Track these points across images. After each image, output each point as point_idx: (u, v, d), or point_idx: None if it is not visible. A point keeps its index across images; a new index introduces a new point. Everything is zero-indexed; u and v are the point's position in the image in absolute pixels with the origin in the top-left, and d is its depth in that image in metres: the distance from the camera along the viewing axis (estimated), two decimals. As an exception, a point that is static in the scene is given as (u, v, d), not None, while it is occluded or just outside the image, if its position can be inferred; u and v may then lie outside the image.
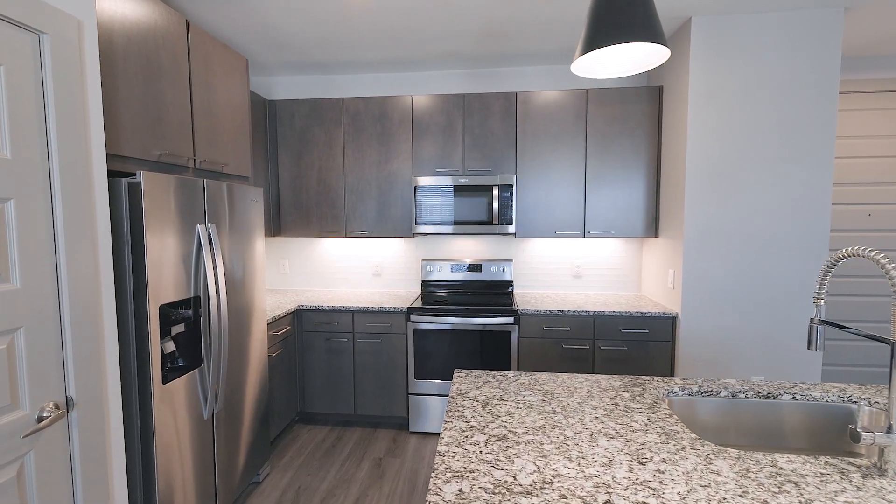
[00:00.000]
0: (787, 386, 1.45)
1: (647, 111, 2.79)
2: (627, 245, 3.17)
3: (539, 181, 2.89)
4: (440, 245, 3.33)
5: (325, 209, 3.05)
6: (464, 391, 1.40)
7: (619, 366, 2.64)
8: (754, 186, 2.45)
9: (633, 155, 2.81)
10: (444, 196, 2.88)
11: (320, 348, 2.85)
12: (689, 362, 2.56)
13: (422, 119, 2.93)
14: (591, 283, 3.22)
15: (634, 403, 1.31)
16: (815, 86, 2.37)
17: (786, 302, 2.48)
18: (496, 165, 2.90)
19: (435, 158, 2.94)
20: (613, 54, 1.19)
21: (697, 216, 2.49)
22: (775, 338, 2.50)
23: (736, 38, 2.39)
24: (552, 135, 2.85)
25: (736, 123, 2.44)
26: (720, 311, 2.52)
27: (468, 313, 2.70)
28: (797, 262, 2.46)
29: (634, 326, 2.62)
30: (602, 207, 2.86)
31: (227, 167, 2.10)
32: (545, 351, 2.69)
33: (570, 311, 2.64)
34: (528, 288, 3.28)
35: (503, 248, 3.28)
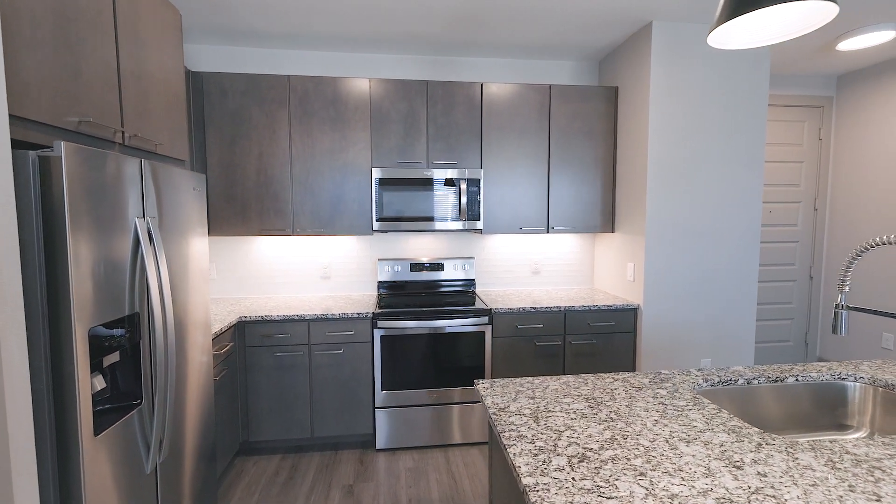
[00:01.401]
0: (786, 368, 1.54)
1: (604, 110, 2.87)
2: (582, 241, 3.26)
3: (505, 176, 2.82)
4: (396, 243, 3.09)
5: (267, 203, 2.63)
6: (502, 405, 1.24)
7: (588, 359, 2.68)
8: (704, 184, 2.65)
9: (591, 152, 2.88)
10: (407, 190, 2.66)
11: (268, 365, 2.44)
12: (650, 351, 2.68)
13: (381, 105, 2.67)
14: (548, 279, 3.25)
15: (677, 400, 1.26)
16: (749, 94, 2.63)
17: (728, 289, 2.72)
18: (462, 159, 2.76)
19: (396, 149, 2.70)
20: (765, 17, 1.03)
21: (658, 212, 2.62)
22: (720, 323, 2.74)
23: (690, 46, 2.56)
24: (517, 130, 2.80)
25: (689, 125, 2.61)
26: (676, 301, 2.68)
27: (442, 316, 2.52)
28: (736, 252, 2.71)
29: (602, 320, 2.68)
30: (564, 203, 2.88)
31: (162, 146, 1.66)
32: (518, 350, 2.63)
33: (543, 307, 2.61)
34: (490, 286, 3.20)
35: (463, 245, 3.15)
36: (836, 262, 3.68)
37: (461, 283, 3.06)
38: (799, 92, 3.59)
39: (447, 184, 2.69)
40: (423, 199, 2.67)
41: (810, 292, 3.82)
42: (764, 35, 1.04)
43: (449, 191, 2.69)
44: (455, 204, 2.71)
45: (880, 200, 3.33)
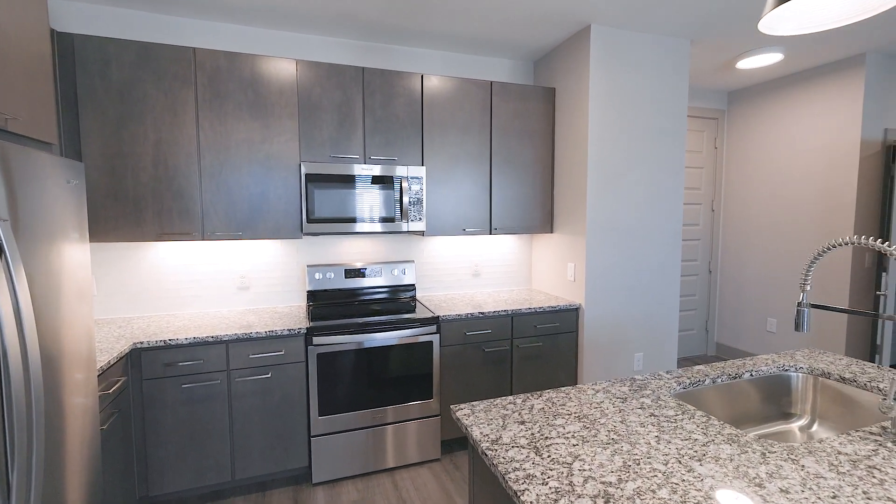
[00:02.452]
0: (739, 364, 1.60)
1: (543, 111, 2.87)
2: (520, 242, 3.24)
3: (448, 175, 2.67)
4: (329, 247, 2.77)
5: (168, 201, 2.16)
6: (493, 436, 1.07)
7: (534, 362, 2.64)
8: (636, 186, 2.76)
9: (531, 152, 2.86)
10: (342, 188, 2.38)
11: (174, 400, 2.00)
12: (591, 349, 2.73)
13: (311, 92, 2.35)
14: (489, 281, 3.18)
15: (665, 409, 1.21)
16: (672, 103, 2.81)
17: (656, 286, 2.88)
18: (402, 154, 2.55)
19: (329, 142, 2.40)
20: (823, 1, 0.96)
21: (597, 213, 2.67)
22: (650, 318, 2.89)
23: (624, 53, 2.64)
24: (460, 126, 2.66)
25: (624, 129, 2.70)
26: (614, 300, 2.77)
27: (387, 327, 2.29)
28: (662, 251, 2.88)
29: (547, 321, 2.66)
30: (506, 204, 2.82)
31: (17, 122, 1.21)
32: (467, 358, 2.50)
33: (491, 312, 2.51)
34: (431, 290, 3.03)
35: (402, 248, 2.94)
36: (729, 257, 4.15)
37: (401, 289, 2.84)
38: (700, 104, 3.98)
39: (387, 181, 2.46)
40: (360, 198, 2.41)
41: (709, 285, 4.27)
42: (816, 21, 0.98)
43: (389, 189, 2.47)
44: (396, 203, 2.49)
45: (763, 203, 3.81)
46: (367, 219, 2.43)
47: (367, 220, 2.43)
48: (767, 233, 3.79)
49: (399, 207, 2.50)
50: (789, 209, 3.61)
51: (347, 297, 2.72)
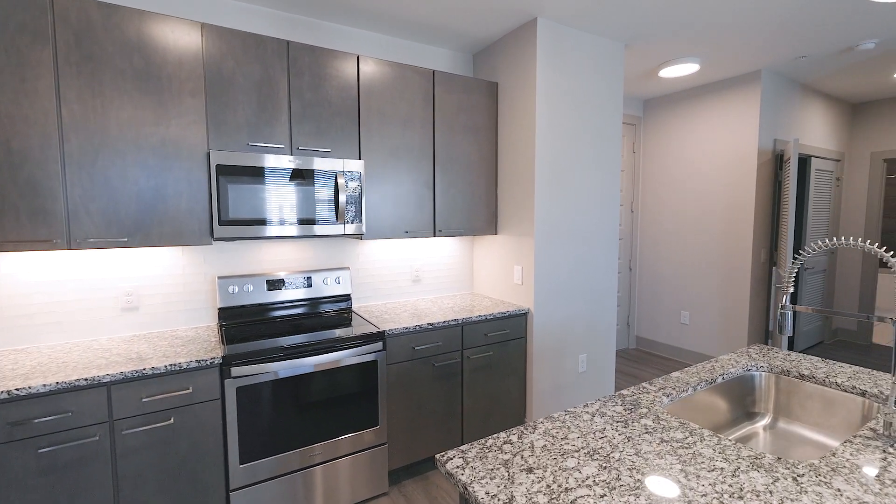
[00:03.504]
0: (709, 368, 1.57)
1: (487, 105, 2.72)
2: (462, 244, 3.06)
3: (388, 170, 2.38)
4: (246, 255, 2.32)
5: (12, 198, 1.58)
6: (504, 497, 0.85)
7: (485, 373, 2.48)
8: (579, 187, 2.74)
9: (476, 149, 2.69)
10: (265, 182, 1.98)
11: (26, 471, 1.46)
12: (540, 354, 2.64)
13: (222, 64, 1.91)
14: (430, 287, 2.95)
15: (674, 432, 1.09)
16: (610, 105, 2.84)
17: (597, 285, 2.89)
18: (337, 146, 2.21)
19: (247, 127, 1.98)
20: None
21: (545, 213, 2.59)
22: (592, 317, 2.89)
23: (568, 49, 2.59)
24: (401, 118, 2.40)
25: (569, 128, 2.65)
26: (560, 302, 2.71)
27: (324, 347, 1.94)
28: (602, 250, 2.90)
29: (498, 329, 2.51)
30: (451, 204, 2.62)
31: None
32: (416, 375, 2.24)
33: (440, 322, 2.29)
34: (368, 300, 2.71)
35: (335, 253, 2.58)
36: (646, 256, 4.42)
37: (335, 301, 2.49)
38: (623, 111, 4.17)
39: (319, 177, 2.11)
40: (286, 196, 2.03)
41: (630, 281, 4.51)
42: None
43: (322, 186, 2.11)
44: (330, 202, 2.14)
45: (675, 204, 4.11)
46: (294, 220, 2.05)
47: (294, 221, 2.05)
48: (679, 232, 4.09)
49: (334, 207, 2.15)
50: (698, 210, 3.93)
51: (271, 313, 2.30)
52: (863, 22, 2.59)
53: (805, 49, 3.04)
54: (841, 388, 1.42)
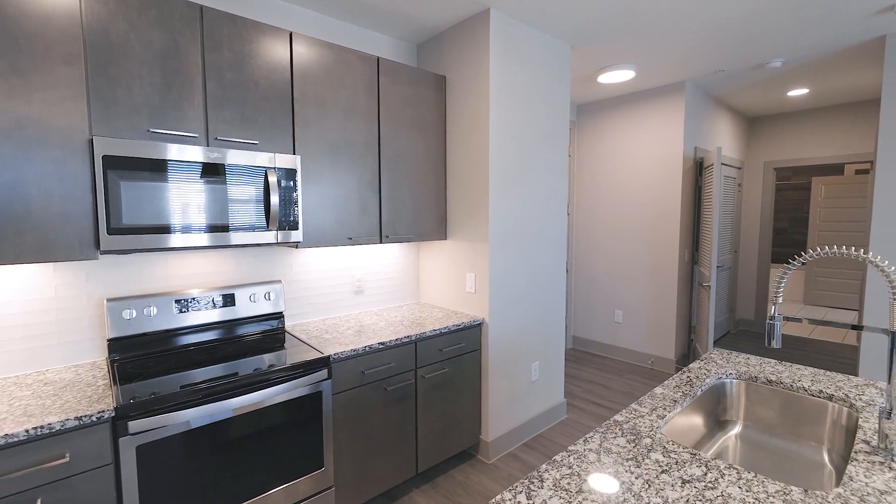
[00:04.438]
0: (686, 380, 1.52)
1: (435, 100, 2.51)
2: (407, 251, 2.82)
3: (328, 168, 2.07)
4: (146, 270, 1.87)
5: None
6: None
7: (440, 392, 2.27)
8: (532, 189, 2.64)
9: (424, 146, 2.47)
10: (172, 180, 1.58)
11: None
12: (494, 366, 2.50)
13: (111, 26, 1.48)
14: (374, 298, 2.67)
15: (687, 468, 0.98)
16: (559, 105, 2.78)
17: (548, 291, 2.83)
18: (266, 138, 1.86)
19: (147, 109, 1.56)
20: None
21: (499, 217, 2.45)
22: (544, 324, 2.82)
23: (521, 45, 2.47)
24: (342, 108, 2.10)
25: (522, 128, 2.54)
26: (515, 310, 2.59)
27: (254, 383, 1.59)
28: (552, 255, 2.84)
29: (453, 342, 2.31)
30: (398, 207, 2.37)
31: None
32: (366, 402, 1.96)
33: (392, 341, 2.03)
34: (303, 316, 2.36)
35: (265, 264, 2.20)
36: (581, 257, 4.52)
37: (265, 320, 2.11)
38: (558, 114, 4.21)
39: (245, 173, 1.74)
40: (203, 197, 1.64)
41: (567, 283, 4.59)
42: None
43: (248, 184, 1.75)
44: (259, 205, 1.79)
45: (607, 207, 4.25)
46: (212, 226, 1.67)
47: (212, 228, 1.67)
48: (612, 234, 4.23)
49: (264, 210, 1.80)
50: (629, 213, 4.09)
51: (182, 341, 1.87)
52: (773, 42, 2.81)
53: (724, 64, 3.26)
54: (808, 392, 1.44)
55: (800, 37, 2.74)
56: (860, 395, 1.37)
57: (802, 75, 3.52)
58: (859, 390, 1.41)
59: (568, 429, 2.88)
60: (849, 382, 1.48)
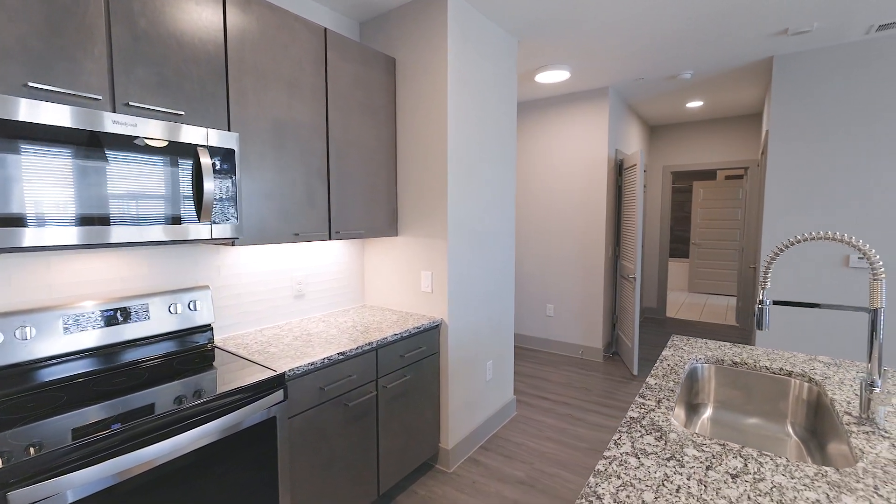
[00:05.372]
0: (669, 367, 1.54)
1: (386, 84, 2.30)
2: (351, 248, 2.56)
3: (271, 151, 1.76)
4: (19, 276, 1.39)
5: None
6: None
7: (401, 402, 2.07)
8: (487, 183, 2.56)
9: (375, 133, 2.25)
10: (65, 154, 1.17)
11: None
12: (454, 368, 2.37)
13: (-41, -71, 1.04)
14: (316, 303, 2.37)
15: (726, 460, 0.94)
16: (508, 98, 2.75)
17: (499, 288, 2.78)
18: (195, 110, 1.50)
19: (23, 53, 1.14)
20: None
21: (458, 212, 2.32)
22: (497, 322, 2.77)
23: (476, 32, 2.37)
24: (286, 80, 1.79)
25: (479, 118, 2.44)
26: (472, 309, 2.49)
27: (186, 419, 1.25)
28: (502, 251, 2.80)
29: (414, 346, 2.13)
30: (348, 199, 2.12)
31: None
32: (325, 423, 1.70)
33: (352, 349, 1.79)
34: (237, 328, 1.99)
35: (187, 266, 1.80)
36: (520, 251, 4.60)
37: (189, 334, 1.72)
38: (492, 112, 4.22)
39: (168, 151, 1.38)
40: (109, 179, 1.26)
41: (501, 280, 4.63)
42: None
43: (172, 165, 1.39)
44: (186, 191, 1.43)
45: (539, 205, 4.38)
46: (122, 217, 1.29)
47: (122, 219, 1.29)
48: (544, 231, 4.37)
49: (194, 198, 1.45)
50: (561, 210, 4.26)
51: (71, 371, 1.43)
52: (686, 55, 3.11)
53: (643, 72, 3.53)
54: (770, 370, 1.54)
55: (708, 52, 3.06)
56: (812, 369, 1.51)
57: (700, 89, 3.97)
58: (809, 365, 1.55)
59: (520, 425, 2.86)
60: (795, 359, 1.63)
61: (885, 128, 2.79)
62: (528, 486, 2.23)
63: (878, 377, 1.11)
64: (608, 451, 0.99)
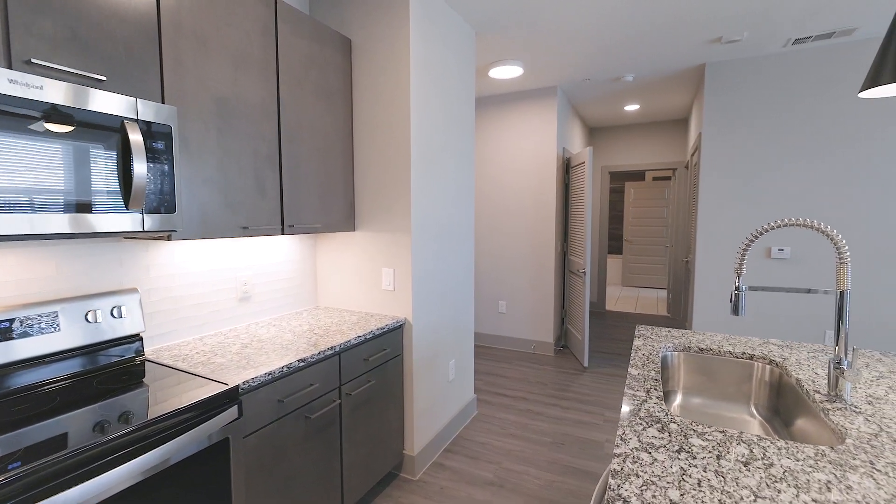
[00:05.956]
0: (644, 356, 1.55)
1: (342, 65, 2.13)
2: (302, 245, 2.35)
3: (214, 132, 1.53)
4: None
5: None
6: None
7: (365, 409, 1.92)
8: (448, 176, 2.47)
9: (331, 119, 2.07)
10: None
11: None
12: (418, 369, 2.26)
13: None
14: (264, 306, 2.13)
15: (732, 447, 0.93)
16: (466, 90, 2.68)
17: (461, 284, 2.71)
18: (119, 75, 1.24)
19: None
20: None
21: (422, 205, 2.21)
22: (457, 320, 2.69)
23: (436, 19, 2.27)
24: (232, 53, 1.57)
25: (440, 108, 2.34)
26: (435, 307, 2.39)
27: (113, 453, 1.03)
28: (463, 247, 2.73)
29: (378, 348, 1.99)
30: (302, 190, 1.92)
31: None
32: (284, 439, 1.50)
33: (314, 355, 1.61)
34: (172, 336, 1.71)
35: (109, 265, 1.51)
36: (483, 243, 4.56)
37: (113, 346, 1.44)
38: (443, 106, 4.14)
39: (86, 123, 1.12)
40: (4, 155, 0.99)
41: (453, 278, 4.57)
42: None
43: (92, 140, 1.14)
44: (109, 173, 1.18)
45: (491, 203, 4.38)
46: (23, 204, 1.03)
47: (22, 205, 1.03)
48: (497, 227, 4.38)
49: (119, 182, 1.20)
50: (512, 207, 4.29)
51: (-44, 396, 1.12)
52: (629, 58, 3.25)
53: (591, 73, 3.64)
54: (734, 354, 1.61)
55: (650, 56, 3.22)
56: (770, 352, 1.59)
57: (639, 92, 4.20)
58: (766, 348, 1.64)
59: (483, 424, 2.81)
60: (752, 342, 1.71)
61: (799, 133, 3.11)
62: (498, 486, 2.18)
63: (845, 356, 1.17)
64: (617, 447, 0.94)
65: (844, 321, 1.17)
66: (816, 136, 3.07)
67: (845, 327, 1.17)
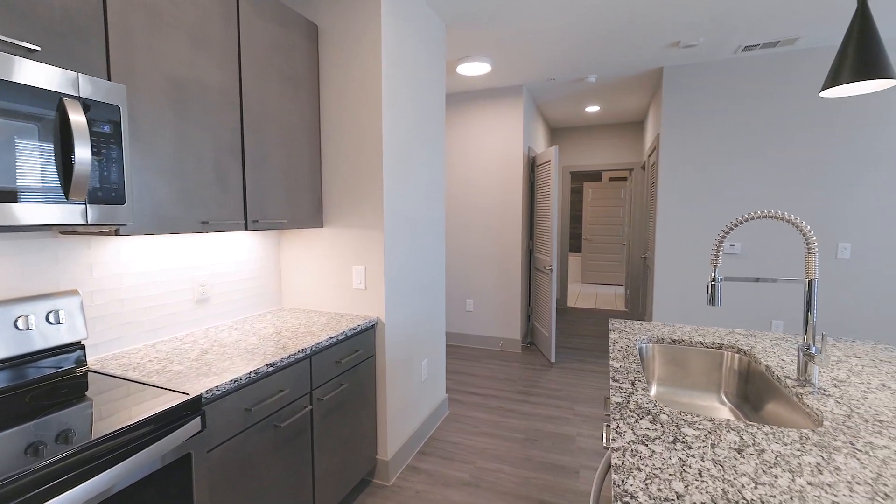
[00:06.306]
0: (622, 348, 1.56)
1: (308, 52, 2.01)
2: (265, 242, 2.21)
3: (169, 116, 1.38)
4: None
5: None
6: None
7: (337, 414, 1.82)
8: (419, 171, 2.41)
9: (296, 108, 1.95)
10: None
11: None
12: (392, 370, 2.18)
13: None
14: (224, 308, 1.98)
15: (722, 434, 0.94)
16: (437, 83, 2.62)
17: (433, 282, 2.65)
18: (58, 47, 1.09)
19: None
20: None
21: (394, 201, 2.13)
22: (430, 319, 2.63)
23: (407, 8, 2.20)
24: (188, 31, 1.43)
25: (411, 99, 2.27)
26: (408, 305, 2.32)
27: (63, 474, 0.89)
28: (434, 243, 2.67)
29: (350, 350, 1.89)
30: (267, 183, 1.80)
31: None
32: (252, 452, 1.39)
33: (283, 359, 1.50)
34: (121, 343, 1.54)
35: (42, 264, 1.33)
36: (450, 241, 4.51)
37: (48, 357, 1.27)
38: (409, 102, 4.07)
39: (14, 98, 0.97)
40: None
41: (420, 277, 4.50)
42: None
43: (23, 120, 0.99)
44: (45, 158, 1.03)
45: (459, 201, 4.36)
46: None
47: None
48: (464, 225, 4.36)
49: (57, 167, 1.05)
50: (480, 205, 4.28)
51: None
52: (592, 60, 3.33)
53: (556, 73, 3.70)
54: (704, 344, 1.66)
55: (612, 58, 3.31)
56: (737, 341, 1.65)
57: (599, 94, 4.32)
58: (732, 337, 1.70)
59: (455, 424, 2.77)
60: (718, 332, 1.78)
61: (752, 132, 3.30)
62: (474, 486, 2.14)
63: (813, 342, 1.23)
64: (614, 441, 0.92)
65: (813, 309, 1.23)
66: (766, 135, 3.27)
67: (814, 315, 1.23)
